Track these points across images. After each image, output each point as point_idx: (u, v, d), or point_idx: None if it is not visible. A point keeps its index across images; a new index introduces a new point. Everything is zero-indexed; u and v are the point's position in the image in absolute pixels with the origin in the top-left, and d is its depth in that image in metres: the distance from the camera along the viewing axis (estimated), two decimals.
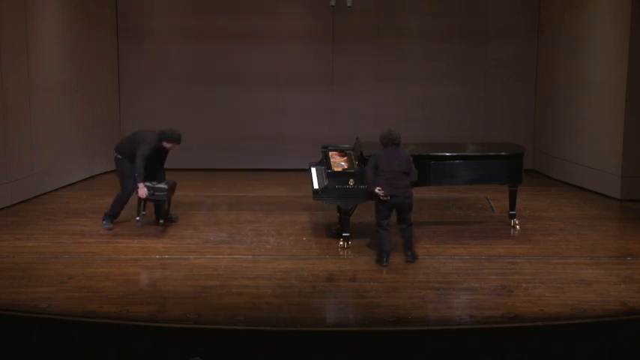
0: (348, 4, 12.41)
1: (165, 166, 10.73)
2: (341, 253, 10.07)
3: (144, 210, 10.73)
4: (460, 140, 11.56)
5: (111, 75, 13.99)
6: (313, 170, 10.73)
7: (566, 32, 13.34)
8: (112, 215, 10.78)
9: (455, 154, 10.40)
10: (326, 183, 10.10)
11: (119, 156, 10.67)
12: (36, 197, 12.23)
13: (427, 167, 10.23)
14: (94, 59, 13.46)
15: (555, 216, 11.63)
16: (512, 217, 11.01)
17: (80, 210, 11.79)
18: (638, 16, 11.88)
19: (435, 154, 10.37)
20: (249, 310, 8.32)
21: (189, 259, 9.83)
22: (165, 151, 10.68)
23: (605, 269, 9.50)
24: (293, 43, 14.18)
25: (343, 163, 10.66)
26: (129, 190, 10.65)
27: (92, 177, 13.58)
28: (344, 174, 10.15)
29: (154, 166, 10.64)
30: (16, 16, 11.73)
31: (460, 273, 9.39)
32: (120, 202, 10.73)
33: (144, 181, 10.38)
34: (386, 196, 9.37)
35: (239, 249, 10.20)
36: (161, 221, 10.69)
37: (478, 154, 10.54)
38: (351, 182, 10.02)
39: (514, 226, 10.97)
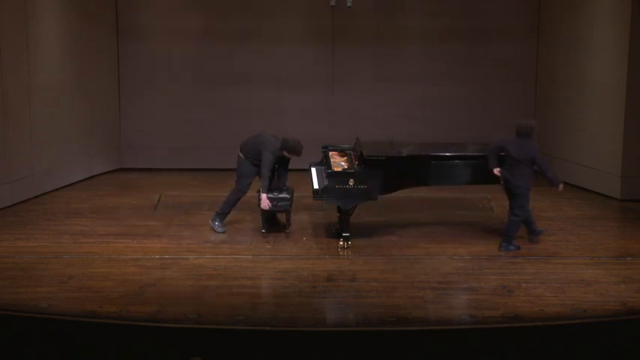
0: (348, 4, 12.39)
1: (165, 166, 10.69)
2: (341, 253, 10.07)
3: (269, 225, 10.60)
4: (460, 140, 11.53)
5: (111, 75, 13.97)
6: (313, 170, 10.73)
7: (566, 32, 13.32)
8: (224, 214, 10.69)
9: (455, 154, 10.39)
10: (326, 183, 10.10)
11: (242, 155, 10.56)
12: (36, 197, 12.22)
13: (427, 167, 10.22)
14: (94, 59, 13.45)
15: (555, 216, 11.62)
16: None
17: (80, 210, 11.78)
18: (638, 16, 11.87)
19: (434, 154, 10.36)
20: (249, 310, 8.32)
21: (189, 259, 9.83)
22: (287, 158, 10.58)
23: (605, 269, 9.50)
24: (293, 43, 14.15)
25: (343, 163, 10.65)
26: (243, 189, 10.57)
27: (92, 177, 13.56)
28: (344, 174, 10.15)
29: (279, 172, 10.59)
30: (16, 16, 11.72)
31: (460, 273, 9.39)
32: (231, 202, 10.63)
33: (268, 191, 10.29)
34: (500, 178, 10.03)
35: (239, 249, 10.20)
36: (287, 230, 10.64)
37: (478, 154, 10.53)
38: (351, 182, 10.02)
39: None
